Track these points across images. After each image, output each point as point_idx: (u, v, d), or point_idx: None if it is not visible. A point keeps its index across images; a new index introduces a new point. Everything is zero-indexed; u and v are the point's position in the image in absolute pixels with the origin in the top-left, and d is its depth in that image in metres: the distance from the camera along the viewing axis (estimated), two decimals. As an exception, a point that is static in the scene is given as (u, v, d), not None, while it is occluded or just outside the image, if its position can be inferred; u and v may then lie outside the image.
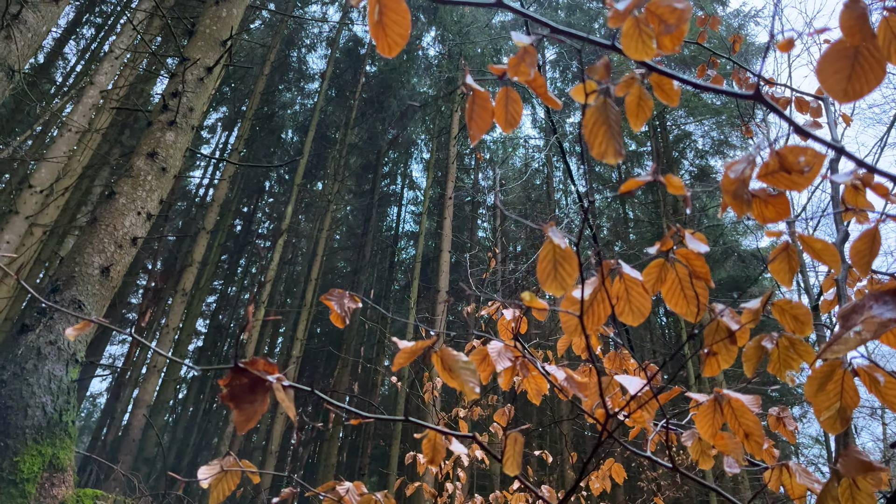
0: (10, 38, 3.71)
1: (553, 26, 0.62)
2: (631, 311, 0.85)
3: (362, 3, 0.72)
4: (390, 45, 0.73)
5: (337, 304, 0.99)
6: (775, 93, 2.73)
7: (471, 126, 0.78)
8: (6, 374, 3.65)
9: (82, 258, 4.25)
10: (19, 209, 8.87)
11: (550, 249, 0.73)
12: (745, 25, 18.62)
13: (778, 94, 2.70)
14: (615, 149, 0.61)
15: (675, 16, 0.56)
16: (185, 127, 5.22)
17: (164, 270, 21.96)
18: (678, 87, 0.65)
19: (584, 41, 0.60)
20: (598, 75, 0.62)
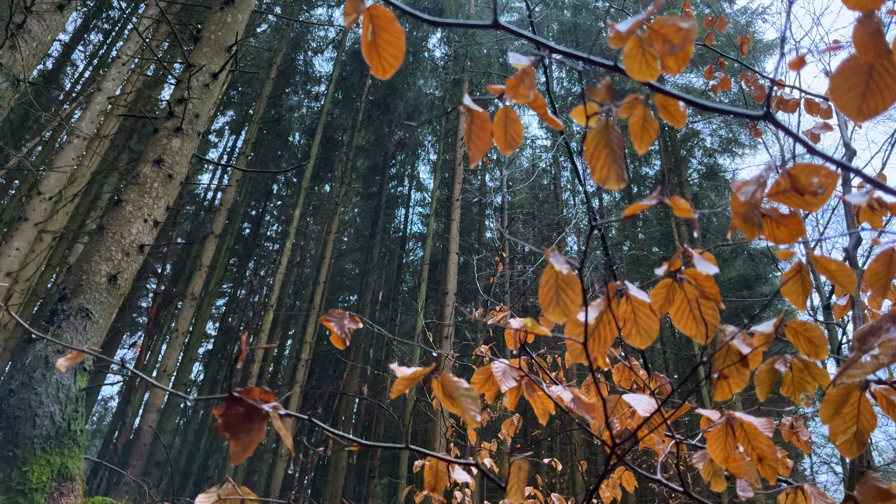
0: (15, 47, 3.72)
1: (552, 47, 0.59)
2: (638, 333, 0.82)
3: (353, 23, 0.70)
4: (384, 67, 0.71)
5: (337, 326, 0.96)
6: (785, 95, 2.69)
7: (470, 147, 0.75)
8: (14, 383, 3.66)
9: (90, 266, 4.26)
10: (29, 216, 8.92)
11: (552, 275, 0.71)
12: (752, 23, 18.49)
13: (787, 95, 2.66)
14: (617, 174, 0.58)
15: (680, 36, 0.54)
16: (191, 133, 5.22)
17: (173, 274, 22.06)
18: (684, 108, 0.63)
19: (586, 62, 0.58)
20: (600, 97, 0.60)
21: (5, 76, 3.63)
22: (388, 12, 0.69)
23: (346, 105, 21.07)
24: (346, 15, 0.69)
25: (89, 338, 4.07)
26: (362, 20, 0.71)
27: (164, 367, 12.71)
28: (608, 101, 0.60)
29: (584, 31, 18.39)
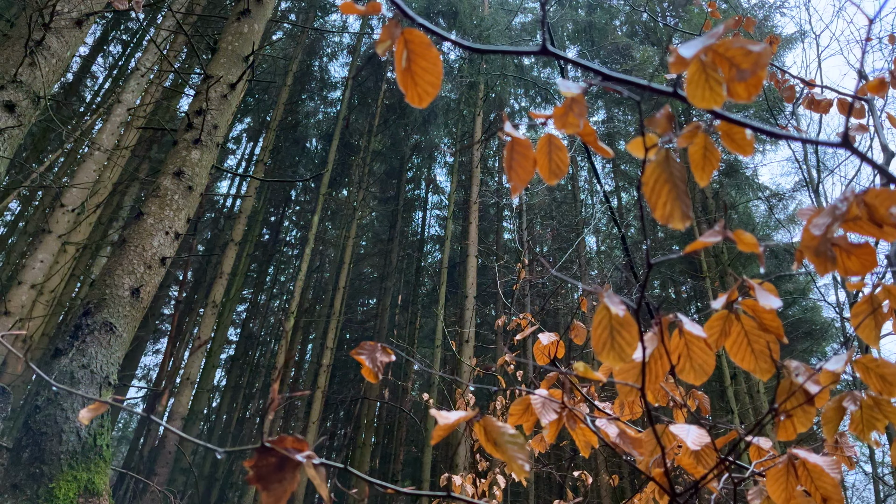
0: (35, 64, 3.73)
1: (605, 73, 0.54)
2: (692, 368, 0.77)
3: (388, 50, 0.65)
4: (420, 95, 0.66)
5: (368, 360, 0.92)
6: (815, 95, 2.60)
7: (510, 177, 0.70)
8: (40, 399, 3.68)
9: (112, 280, 4.27)
10: (52, 228, 9.02)
11: (605, 316, 0.66)
12: (770, 17, 18.21)
13: (818, 95, 2.58)
14: (682, 211, 0.53)
15: (749, 60, 0.49)
16: (209, 144, 5.23)
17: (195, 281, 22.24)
18: (751, 137, 0.57)
19: (642, 89, 0.53)
20: (660, 128, 0.55)
21: (25, 93, 3.64)
22: (425, 37, 0.64)
23: (362, 110, 21.11)
24: (379, 42, 0.65)
25: (113, 352, 4.08)
26: (396, 46, 0.66)
27: (188, 374, 12.80)
28: (669, 132, 0.55)
29: (599, 29, 18.25)
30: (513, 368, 3.63)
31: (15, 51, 3.69)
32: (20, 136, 3.62)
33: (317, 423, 13.80)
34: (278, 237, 25.72)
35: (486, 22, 17.02)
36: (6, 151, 3.46)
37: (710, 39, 0.48)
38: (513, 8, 19.16)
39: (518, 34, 18.22)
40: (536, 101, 19.69)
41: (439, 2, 17.83)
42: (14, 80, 3.56)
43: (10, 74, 3.56)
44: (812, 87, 2.58)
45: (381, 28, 0.62)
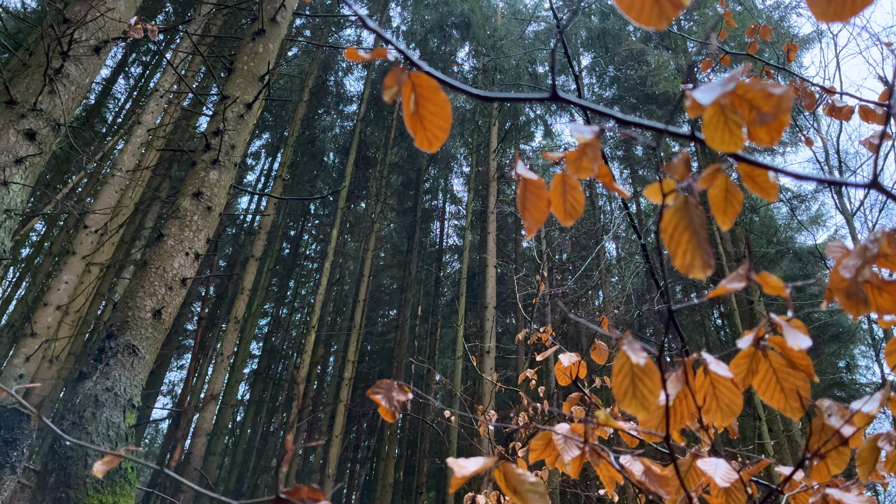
0: (55, 92, 3.79)
1: (620, 118, 0.52)
2: (719, 408, 0.74)
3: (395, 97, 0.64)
4: (430, 140, 0.65)
5: (385, 399, 0.90)
6: (836, 101, 2.55)
7: (525, 217, 0.68)
8: (66, 423, 3.71)
9: (134, 302, 4.31)
10: (76, 249, 9.15)
11: (626, 363, 0.63)
12: (786, 17, 18.01)
13: (839, 103, 2.53)
14: (703, 260, 0.51)
15: (771, 103, 0.46)
16: (227, 165, 5.28)
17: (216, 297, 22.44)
18: (775, 179, 0.55)
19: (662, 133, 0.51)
20: (678, 174, 0.53)
21: (46, 121, 3.70)
22: (433, 81, 0.63)
23: (378, 123, 21.22)
24: (386, 88, 0.63)
25: (136, 374, 4.11)
26: (403, 91, 0.65)
27: (212, 390, 12.88)
28: (687, 178, 0.53)
29: (613, 36, 18.18)
30: (534, 384, 3.59)
31: (34, 79, 3.75)
32: (41, 164, 3.67)
33: (340, 437, 13.81)
34: (298, 251, 25.88)
35: (499, 32, 17.04)
36: (28, 179, 3.52)
37: (728, 85, 0.46)
38: (525, 17, 19.18)
39: (531, 43, 18.22)
40: (552, 110, 19.65)
41: (452, 14, 17.90)
42: (34, 108, 3.62)
43: (31, 103, 3.62)
44: (832, 94, 2.53)
45: (388, 74, 0.61)
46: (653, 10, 0.51)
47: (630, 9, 0.51)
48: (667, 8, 0.50)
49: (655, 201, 0.55)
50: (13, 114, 3.52)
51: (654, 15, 0.50)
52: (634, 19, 0.52)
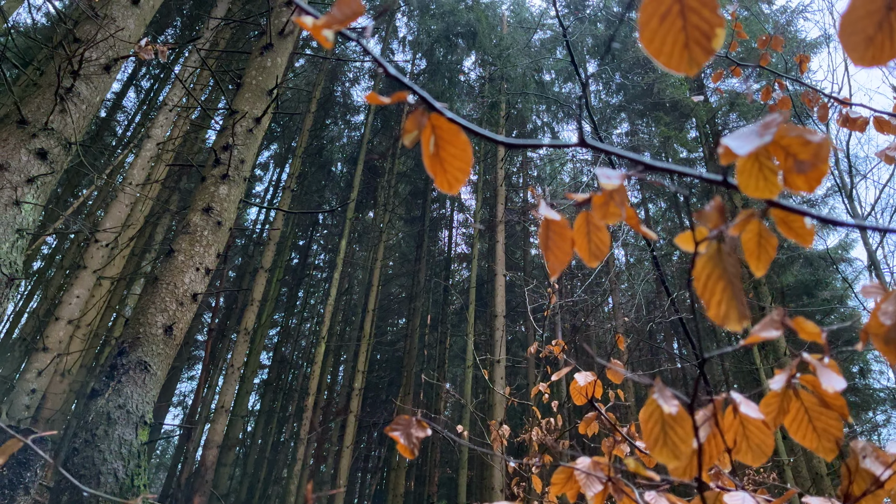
0: (66, 111, 3.81)
1: (648, 163, 0.51)
2: (750, 449, 0.72)
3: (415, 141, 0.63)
4: (450, 182, 0.63)
5: (403, 436, 0.89)
6: (851, 112, 2.52)
7: (547, 257, 0.67)
8: (78, 441, 3.71)
9: (146, 318, 4.32)
10: (87, 264, 9.20)
11: (656, 410, 0.61)
12: (793, 21, 17.95)
13: (854, 114, 2.50)
14: (739, 311, 0.49)
15: (808, 151, 0.45)
16: (237, 179, 5.29)
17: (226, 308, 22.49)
18: (812, 226, 0.53)
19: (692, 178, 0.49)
20: (711, 223, 0.51)
21: (57, 140, 3.72)
22: (453, 125, 0.61)
23: (385, 132, 21.28)
24: (406, 132, 0.62)
25: (148, 390, 4.11)
26: (423, 133, 0.64)
27: (222, 402, 12.89)
28: (721, 226, 0.51)
29: (620, 42, 18.17)
30: (547, 398, 3.56)
31: (46, 98, 3.78)
32: (53, 183, 3.69)
33: (351, 448, 13.77)
34: (307, 261, 25.93)
35: (506, 41, 17.06)
36: (39, 199, 3.53)
37: (766, 136, 0.44)
38: (531, 25, 19.21)
39: (537, 51, 18.22)
40: (558, 117, 19.64)
41: (458, 24, 17.95)
42: (45, 127, 3.64)
43: (42, 122, 3.64)
44: (846, 105, 2.51)
45: (407, 119, 0.60)
46: (682, 56, 0.49)
47: (659, 53, 0.50)
48: (697, 54, 0.49)
49: (687, 249, 0.53)
50: (25, 133, 3.54)
51: (684, 61, 0.49)
52: (664, 64, 0.50)
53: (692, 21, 0.49)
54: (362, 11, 0.51)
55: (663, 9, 0.50)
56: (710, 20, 0.49)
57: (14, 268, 3.29)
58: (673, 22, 0.49)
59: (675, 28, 0.49)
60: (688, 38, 0.49)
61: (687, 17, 0.49)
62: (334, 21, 0.48)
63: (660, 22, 0.50)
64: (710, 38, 0.48)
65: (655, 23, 0.50)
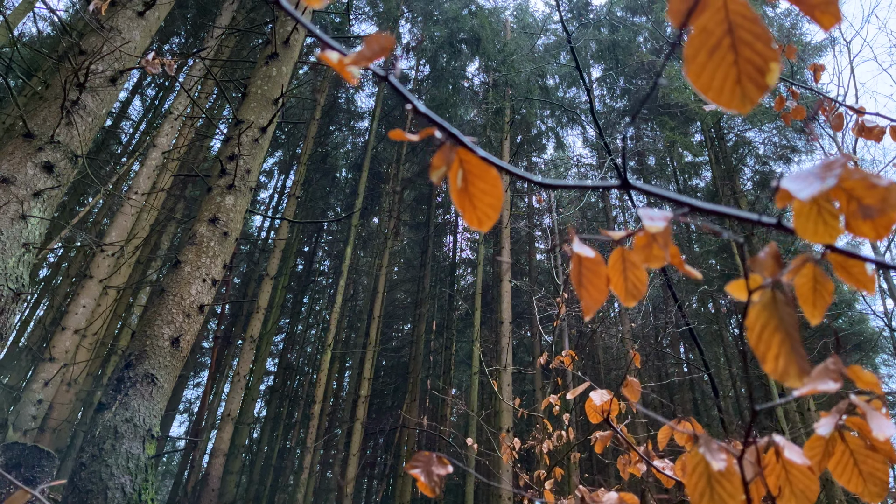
0: (72, 124, 3.80)
1: (693, 204, 0.48)
2: (793, 494, 0.68)
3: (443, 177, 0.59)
4: (480, 219, 0.60)
5: (424, 474, 0.86)
6: (865, 121, 2.48)
7: (581, 295, 0.63)
8: (85, 456, 3.68)
9: (153, 330, 4.29)
10: (93, 273, 9.20)
11: (701, 463, 0.58)
12: (797, 24, 17.89)
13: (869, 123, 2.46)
14: (798, 366, 0.46)
15: (875, 196, 0.41)
16: (243, 189, 5.27)
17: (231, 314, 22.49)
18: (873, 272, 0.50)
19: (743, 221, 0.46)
20: (768, 272, 0.47)
21: (63, 153, 3.70)
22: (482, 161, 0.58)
23: (390, 139, 21.28)
24: (433, 169, 0.59)
25: (155, 403, 4.08)
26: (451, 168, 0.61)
27: (228, 410, 12.87)
28: (777, 274, 0.48)
29: (623, 48, 18.14)
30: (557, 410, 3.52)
31: (51, 111, 3.76)
32: (59, 196, 3.67)
33: (357, 455, 13.73)
34: (312, 267, 25.93)
35: (510, 47, 17.05)
36: (45, 212, 3.51)
37: (829, 180, 0.41)
38: (534, 31, 19.20)
39: (541, 56, 18.20)
40: (562, 122, 19.61)
41: (462, 30, 17.96)
42: (52, 140, 3.63)
43: (48, 136, 3.62)
44: (861, 114, 2.47)
45: (434, 155, 0.57)
46: (734, 93, 0.46)
47: (707, 89, 0.47)
48: (750, 90, 0.46)
49: (739, 297, 0.50)
50: (31, 147, 3.53)
51: (736, 97, 0.46)
52: (712, 100, 0.47)
53: (744, 55, 0.46)
54: (392, 46, 0.48)
55: (713, 42, 0.47)
56: (764, 54, 0.46)
57: (20, 282, 3.27)
58: (723, 56, 0.46)
59: (725, 62, 0.46)
60: (740, 73, 0.46)
61: (739, 51, 0.46)
62: (363, 59, 0.45)
63: (709, 56, 0.47)
64: (763, 74, 0.45)
65: (704, 56, 0.47)
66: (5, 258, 3.23)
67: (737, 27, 0.46)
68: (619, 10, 19.02)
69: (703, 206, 0.47)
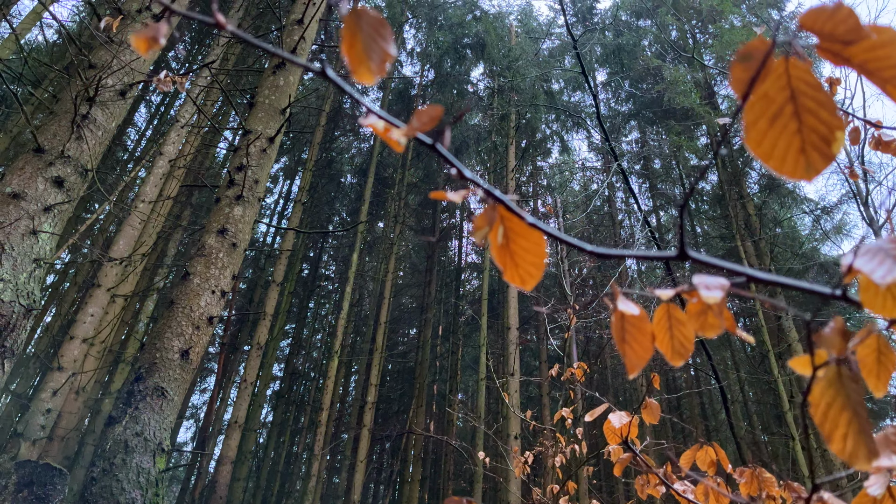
0: (82, 138, 3.80)
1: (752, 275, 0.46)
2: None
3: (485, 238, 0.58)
4: (523, 278, 0.58)
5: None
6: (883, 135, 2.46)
7: (624, 352, 0.62)
8: (96, 470, 3.67)
9: (162, 343, 4.29)
10: (101, 282, 9.21)
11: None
12: (804, 26, 17.81)
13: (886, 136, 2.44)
14: (868, 448, 0.44)
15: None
16: (251, 200, 5.27)
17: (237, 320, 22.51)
18: (941, 345, 0.48)
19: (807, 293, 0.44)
20: (835, 349, 0.46)
21: (74, 168, 3.70)
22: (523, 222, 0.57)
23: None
24: (476, 230, 0.57)
25: (165, 417, 4.07)
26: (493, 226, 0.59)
27: (235, 417, 12.87)
28: (844, 351, 0.46)
29: (628, 52, 18.12)
30: (570, 423, 3.49)
31: (62, 126, 3.77)
32: (69, 211, 3.67)
33: (364, 462, 13.70)
34: (317, 272, 25.95)
35: (514, 52, 17.05)
36: (56, 227, 3.51)
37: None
38: (539, 35, 19.19)
39: (546, 61, 18.20)
40: (567, 126, 19.59)
41: (466, 35, 17.97)
42: (62, 155, 3.63)
43: (59, 150, 3.62)
44: (878, 128, 2.44)
45: (477, 216, 0.55)
46: (798, 162, 0.44)
47: (769, 157, 0.45)
48: (815, 160, 0.44)
49: (803, 373, 0.48)
50: (41, 162, 3.53)
51: (800, 167, 0.44)
52: (774, 168, 0.45)
53: (808, 123, 0.44)
54: (440, 115, 0.46)
55: (774, 109, 0.45)
56: (830, 123, 0.44)
57: (31, 298, 3.27)
58: (786, 124, 0.45)
59: (788, 131, 0.45)
60: (804, 141, 0.44)
61: (802, 119, 0.44)
62: (412, 131, 0.44)
63: (770, 123, 0.45)
64: (829, 143, 0.43)
65: (764, 124, 0.45)
66: (17, 274, 3.23)
67: (799, 94, 0.44)
68: (623, 13, 19.00)
69: (764, 277, 0.45)
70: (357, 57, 0.44)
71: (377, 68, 0.44)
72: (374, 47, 0.43)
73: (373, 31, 0.42)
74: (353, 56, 0.44)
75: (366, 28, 0.42)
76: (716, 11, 16.98)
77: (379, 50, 0.43)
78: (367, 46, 0.43)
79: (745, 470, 1.58)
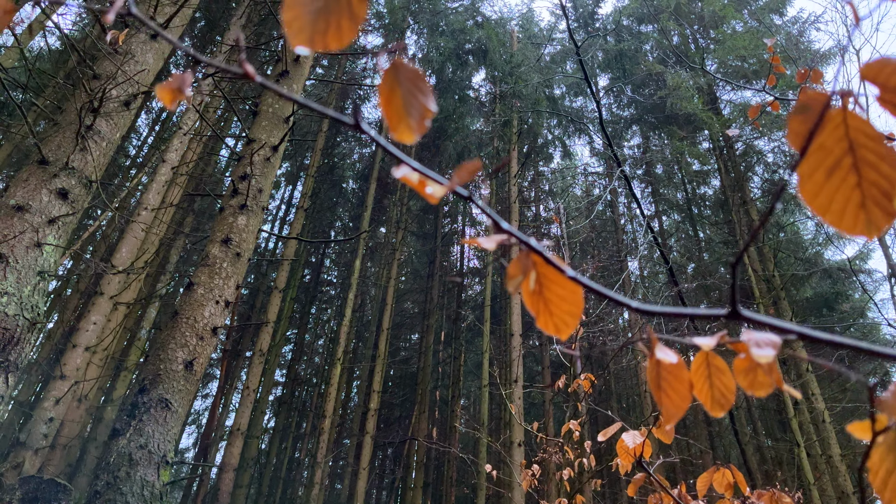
0: (86, 149, 3.78)
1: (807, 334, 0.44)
2: None
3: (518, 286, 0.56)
4: (558, 326, 0.56)
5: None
6: None
7: (661, 400, 0.59)
8: (100, 483, 3.65)
9: (166, 354, 4.27)
10: (104, 290, 9.20)
11: None
12: (805, 32, 17.83)
13: None
14: (932, 518, 0.42)
15: None
16: (255, 209, 5.25)
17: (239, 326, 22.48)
18: None
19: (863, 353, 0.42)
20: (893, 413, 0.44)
21: (78, 179, 3.68)
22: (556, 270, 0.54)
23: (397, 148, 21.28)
24: (510, 278, 0.55)
25: (170, 429, 4.05)
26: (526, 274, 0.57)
27: (238, 425, 12.83)
28: (907, 415, 0.44)
29: (630, 57, 18.12)
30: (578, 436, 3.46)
31: (66, 137, 3.75)
32: (74, 222, 3.65)
33: (367, 469, 13.65)
34: (319, 277, 25.92)
35: (516, 58, 17.06)
36: (60, 239, 3.49)
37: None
38: (540, 40, 19.21)
39: (548, 66, 18.21)
40: (569, 131, 19.58)
41: (468, 41, 17.99)
42: (66, 166, 3.61)
43: (63, 162, 3.61)
44: (892, 140, 2.42)
45: (510, 263, 0.53)
46: (857, 218, 0.42)
47: (825, 212, 0.43)
48: (876, 216, 0.42)
49: (863, 438, 0.46)
50: (46, 174, 3.51)
51: (860, 223, 0.42)
52: (831, 223, 0.43)
53: (868, 177, 0.42)
54: (478, 169, 0.44)
55: (831, 161, 0.43)
56: (891, 176, 0.42)
57: (36, 311, 3.25)
58: (844, 178, 0.42)
59: (846, 185, 0.42)
60: (864, 196, 0.42)
61: (862, 173, 0.42)
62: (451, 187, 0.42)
63: (826, 176, 0.43)
64: (891, 198, 0.41)
65: (821, 177, 0.43)
66: (21, 287, 3.21)
67: (858, 146, 0.42)
68: (625, 19, 19.01)
69: (813, 335, 0.43)
70: (396, 114, 0.42)
71: (417, 126, 0.42)
72: (413, 103, 0.41)
73: (412, 85, 0.40)
74: (392, 113, 0.42)
75: (405, 83, 0.40)
76: (718, 17, 16.99)
77: (419, 106, 0.41)
78: (407, 102, 0.41)
79: (763, 493, 1.55)
